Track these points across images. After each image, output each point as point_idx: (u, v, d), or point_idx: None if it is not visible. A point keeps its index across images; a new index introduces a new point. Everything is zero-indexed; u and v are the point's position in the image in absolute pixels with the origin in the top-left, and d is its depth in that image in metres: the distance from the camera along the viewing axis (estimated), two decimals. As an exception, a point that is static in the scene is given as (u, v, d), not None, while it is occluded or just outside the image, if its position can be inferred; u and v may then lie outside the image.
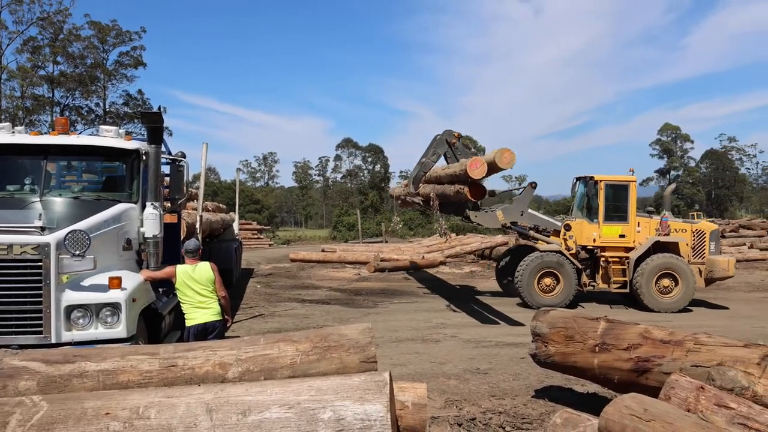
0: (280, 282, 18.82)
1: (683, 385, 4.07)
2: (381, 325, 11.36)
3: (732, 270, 14.33)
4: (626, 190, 14.15)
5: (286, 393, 3.54)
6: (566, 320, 6.05)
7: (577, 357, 5.81)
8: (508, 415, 5.97)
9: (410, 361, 8.51)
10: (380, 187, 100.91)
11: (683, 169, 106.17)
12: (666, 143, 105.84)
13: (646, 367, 5.19)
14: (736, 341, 4.99)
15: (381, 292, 16.68)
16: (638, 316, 13.00)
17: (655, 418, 3.48)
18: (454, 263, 24.27)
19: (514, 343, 9.67)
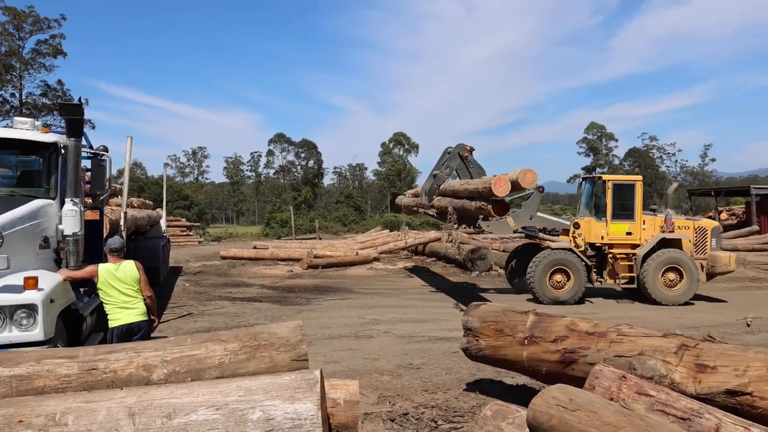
0: (210, 280, 18.47)
1: (606, 374, 4.21)
2: (314, 323, 11.31)
3: (733, 265, 15.04)
4: (632, 190, 14.70)
5: (214, 394, 3.48)
6: (496, 314, 6.17)
7: (507, 350, 5.94)
8: (440, 409, 6.05)
9: (343, 358, 8.51)
10: (314, 183, 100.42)
11: (608, 167, 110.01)
12: (592, 141, 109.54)
13: (572, 359, 5.35)
14: (656, 332, 5.20)
15: (314, 289, 16.60)
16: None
17: (580, 407, 3.59)
18: (387, 259, 24.41)
19: (446, 337, 9.79)
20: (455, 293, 15.57)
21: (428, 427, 5.59)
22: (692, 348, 4.66)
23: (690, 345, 4.71)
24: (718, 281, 16.29)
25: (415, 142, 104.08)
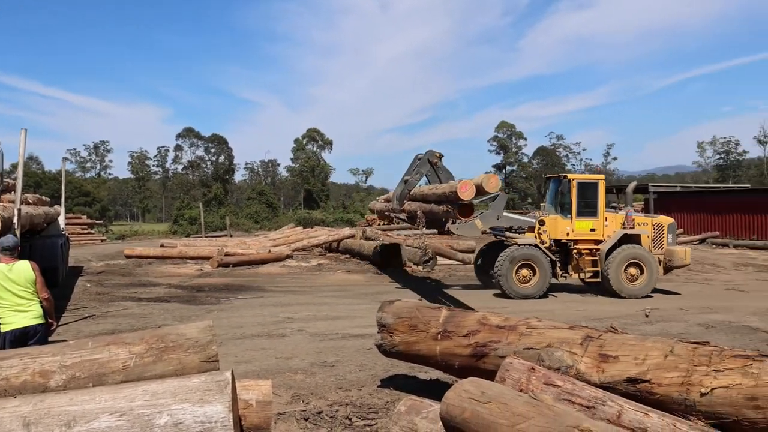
0: (113, 280, 17.77)
1: (516, 367, 4.35)
2: (225, 322, 11.09)
3: (688, 259, 15.94)
4: (596, 188, 15.37)
5: (118, 399, 3.35)
6: (410, 310, 6.24)
7: (421, 345, 6.02)
8: (354, 406, 6.07)
9: (256, 358, 8.39)
10: (224, 179, 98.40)
11: (518, 165, 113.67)
12: (502, 140, 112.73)
13: (483, 352, 5.48)
14: (563, 324, 5.41)
15: (225, 288, 16.27)
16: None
17: (492, 399, 3.68)
18: (301, 256, 24.24)
19: (361, 334, 9.83)
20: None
21: (342, 425, 5.59)
22: (596, 339, 4.87)
23: (594, 336, 4.92)
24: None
25: (330, 138, 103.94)
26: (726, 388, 3.98)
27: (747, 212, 32.25)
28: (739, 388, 3.93)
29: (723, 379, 4.03)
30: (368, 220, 48.83)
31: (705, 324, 11.28)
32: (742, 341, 9.80)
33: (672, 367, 4.31)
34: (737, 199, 33.97)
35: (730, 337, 10.18)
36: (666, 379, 4.28)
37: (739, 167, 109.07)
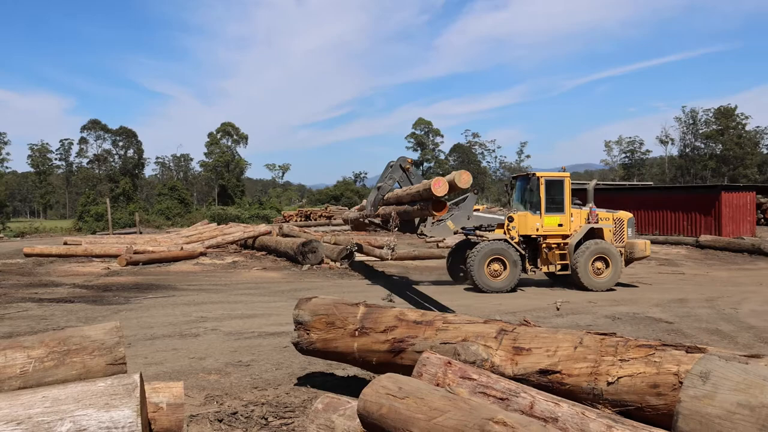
0: (11, 280, 16.86)
1: (433, 361, 4.40)
2: (134, 323, 10.72)
3: (648, 251, 16.99)
4: (562, 185, 16.15)
5: (15, 407, 3.17)
6: (327, 307, 6.22)
7: (339, 342, 6.01)
8: (270, 406, 5.99)
9: (167, 359, 8.15)
10: (133, 174, 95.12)
11: (435, 161, 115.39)
12: (420, 137, 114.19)
13: (401, 348, 5.53)
14: (478, 318, 5.54)
15: (134, 287, 15.73)
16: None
17: (409, 395, 3.71)
18: (215, 254, 23.74)
19: (277, 332, 9.72)
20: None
21: (258, 425, 5.51)
22: (510, 332, 5.01)
23: (508, 329, 5.05)
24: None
25: (245, 133, 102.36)
26: (631, 376, 4.18)
27: (650, 209, 34.10)
28: (643, 376, 4.13)
29: (628, 368, 4.22)
30: (285, 216, 48.43)
31: (612, 316, 11.80)
32: (646, 331, 10.31)
33: (581, 357, 4.48)
34: (641, 197, 35.82)
35: (635, 327, 10.69)
36: (576, 369, 4.44)
37: (643, 165, 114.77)
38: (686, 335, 10.08)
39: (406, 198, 13.44)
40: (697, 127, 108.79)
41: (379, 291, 15.18)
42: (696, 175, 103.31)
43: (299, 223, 39.80)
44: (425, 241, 29.72)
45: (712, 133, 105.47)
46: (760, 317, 11.85)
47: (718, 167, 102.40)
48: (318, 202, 79.30)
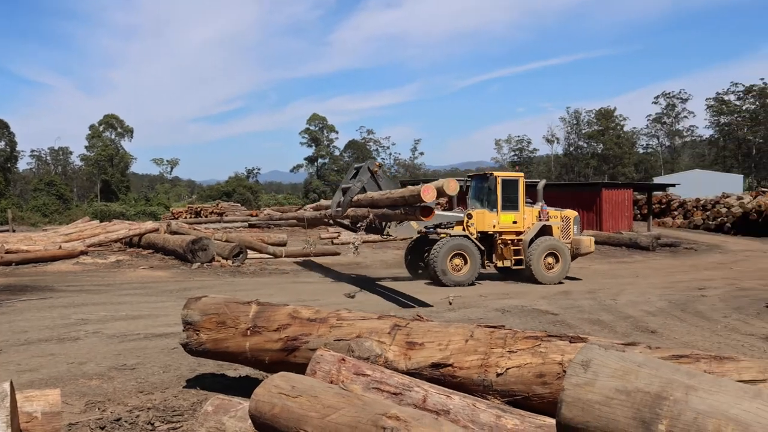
0: None
1: (327, 359, 4.40)
2: (5, 327, 10.05)
3: (593, 247, 18.24)
4: (517, 184, 17.11)
5: None
6: (218, 306, 6.07)
7: (230, 342, 5.89)
8: (157, 410, 5.78)
9: (43, 365, 7.68)
10: (5, 168, 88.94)
11: (329, 158, 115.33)
12: (314, 132, 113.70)
13: (294, 346, 5.49)
14: (372, 314, 5.58)
15: (6, 289, 14.72)
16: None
17: (302, 393, 3.69)
18: (98, 253, 22.61)
19: (164, 333, 9.40)
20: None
21: (144, 431, 5.31)
22: (404, 327, 5.08)
23: (402, 325, 5.13)
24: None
25: (130, 126, 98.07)
26: (519, 367, 4.35)
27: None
28: (530, 366, 4.31)
29: (516, 360, 4.39)
30: (174, 213, 46.88)
31: (501, 309, 12.24)
32: (533, 323, 10.77)
33: (472, 350, 4.61)
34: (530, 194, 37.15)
35: (523, 320, 11.14)
36: (467, 362, 4.57)
37: (531, 163, 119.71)
38: (570, 326, 10.61)
39: (384, 202, 13.79)
40: (580, 127, 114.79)
41: (270, 288, 15.01)
42: (579, 173, 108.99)
43: (189, 220, 38.61)
44: (319, 238, 29.69)
45: (594, 133, 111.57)
46: (636, 307, 12.66)
47: (599, 165, 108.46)
48: (209, 198, 77.33)
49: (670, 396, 2.36)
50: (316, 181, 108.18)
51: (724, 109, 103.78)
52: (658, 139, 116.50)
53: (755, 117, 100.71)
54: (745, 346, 9.44)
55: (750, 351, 9.05)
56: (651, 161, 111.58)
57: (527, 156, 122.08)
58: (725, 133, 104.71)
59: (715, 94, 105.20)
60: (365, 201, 14.91)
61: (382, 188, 15.35)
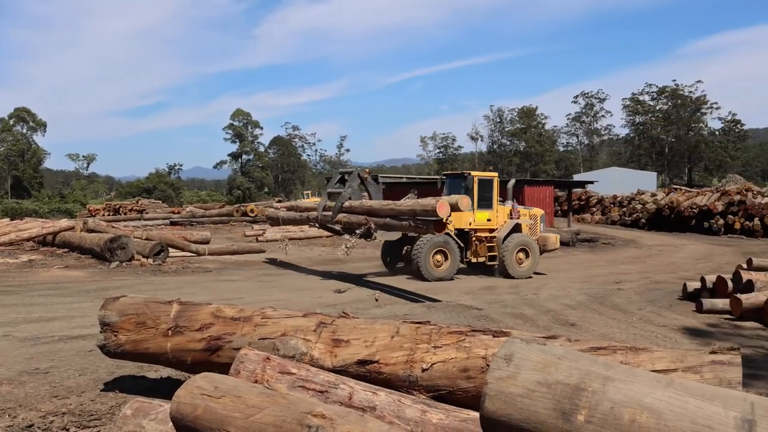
0: None
1: (251, 358, 4.33)
2: None
3: (558, 243, 19.36)
4: (492, 184, 17.79)
5: None
6: (137, 306, 5.89)
7: (150, 343, 5.72)
8: (73, 415, 5.57)
9: (-53, 372, 7.27)
10: None
11: (254, 154, 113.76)
12: (238, 128, 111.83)
13: (218, 345, 5.38)
14: (297, 312, 5.53)
15: None
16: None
17: (225, 394, 3.62)
18: (8, 252, 21.54)
19: (81, 335, 9.05)
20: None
21: (59, 438, 5.10)
22: (329, 325, 5.06)
23: (327, 322, 5.11)
24: (353, 263, 18.00)
25: (43, 120, 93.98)
26: (444, 362, 4.40)
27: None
28: (455, 361, 4.37)
29: (441, 355, 4.45)
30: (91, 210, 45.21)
31: (427, 305, 12.38)
32: (458, 318, 10.94)
33: (398, 346, 4.64)
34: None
35: (448, 315, 11.30)
36: (393, 358, 4.59)
37: (455, 160, 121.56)
38: (494, 320, 10.84)
39: (386, 212, 14.40)
40: (503, 125, 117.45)
41: (193, 287, 14.68)
42: (502, 170, 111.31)
43: (107, 218, 37.38)
44: (244, 235, 29.27)
45: (516, 131, 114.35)
46: (557, 301, 13.06)
47: (522, 163, 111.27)
48: (128, 195, 75.00)
49: (589, 387, 2.44)
50: (240, 177, 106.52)
51: (639, 109, 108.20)
52: (578, 138, 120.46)
53: (668, 117, 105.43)
54: (659, 336, 9.89)
55: (663, 341, 9.49)
56: (571, 159, 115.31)
57: (452, 153, 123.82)
58: (640, 132, 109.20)
59: (631, 95, 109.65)
60: (360, 209, 15.42)
61: (371, 195, 16.36)
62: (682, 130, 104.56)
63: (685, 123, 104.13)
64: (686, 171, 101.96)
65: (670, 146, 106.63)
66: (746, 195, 35.45)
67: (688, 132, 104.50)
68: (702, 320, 11.24)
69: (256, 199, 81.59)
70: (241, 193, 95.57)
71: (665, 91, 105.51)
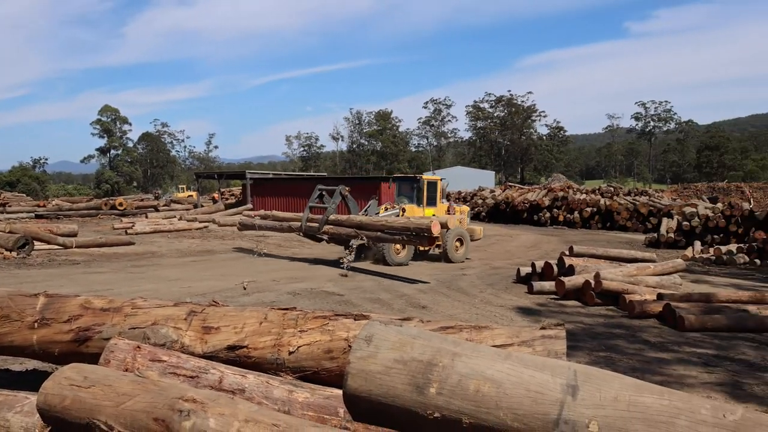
0: None
1: (121, 347, 4.11)
2: None
3: (482, 234, 21.59)
4: (436, 185, 20.17)
5: None
6: (2, 300, 5.38)
7: (15, 336, 5.25)
8: (-73, 414, 4.99)
9: None
10: None
11: (123, 149, 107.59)
12: (106, 124, 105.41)
13: (87, 336, 5.04)
14: (168, 301, 5.30)
15: None
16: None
17: (95, 383, 3.40)
18: None
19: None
20: None
21: None
22: (200, 313, 4.90)
23: (198, 311, 4.94)
24: (221, 254, 17.46)
25: None
26: (309, 345, 4.41)
27: (326, 196, 36.40)
28: (319, 344, 4.39)
29: (306, 338, 4.44)
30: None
31: (293, 292, 12.30)
32: (322, 304, 10.97)
33: (266, 332, 4.58)
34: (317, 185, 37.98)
35: (312, 301, 11.30)
36: (261, 343, 4.53)
37: (318, 158, 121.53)
38: (354, 305, 10.97)
39: (376, 227, 15.54)
40: (361, 126, 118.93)
41: (61, 279, 13.65)
42: (361, 168, 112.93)
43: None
44: (113, 228, 27.69)
45: (374, 132, 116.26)
46: (411, 286, 13.44)
47: (379, 161, 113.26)
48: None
49: (439, 363, 2.54)
50: (108, 171, 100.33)
51: (480, 115, 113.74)
52: (428, 140, 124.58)
53: (504, 123, 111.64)
54: (497, 315, 10.46)
55: (501, 320, 10.05)
56: (421, 158, 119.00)
57: (315, 152, 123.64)
58: (481, 136, 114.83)
59: (473, 102, 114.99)
60: (348, 223, 16.75)
61: (351, 209, 18.15)
62: (515, 135, 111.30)
63: (518, 128, 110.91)
64: (519, 170, 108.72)
65: (506, 148, 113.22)
66: (568, 192, 38.45)
67: (520, 136, 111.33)
68: (533, 300, 12.00)
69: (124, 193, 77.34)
70: (110, 187, 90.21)
71: (502, 100, 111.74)
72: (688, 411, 2.32)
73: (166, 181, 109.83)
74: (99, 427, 3.24)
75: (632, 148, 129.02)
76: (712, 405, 2.38)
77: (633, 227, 32.02)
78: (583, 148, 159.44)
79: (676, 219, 26.50)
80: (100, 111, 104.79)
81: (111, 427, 3.22)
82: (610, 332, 9.42)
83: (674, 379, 7.11)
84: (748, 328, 9.67)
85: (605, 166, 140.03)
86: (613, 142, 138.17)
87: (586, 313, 10.88)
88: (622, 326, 9.89)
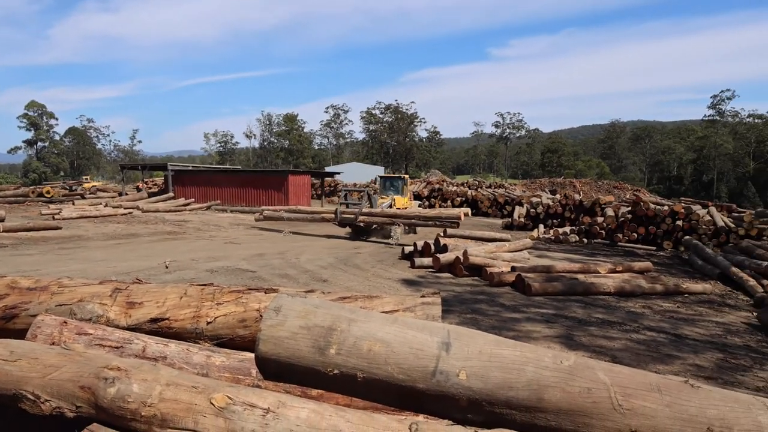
0: None
1: (48, 323, 3.77)
2: None
3: None
4: (406, 181, 24.16)
5: None
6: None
7: (-62, 316, 4.68)
8: None
9: None
10: None
11: (49, 141, 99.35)
12: (33, 118, 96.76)
13: (13, 314, 4.59)
14: (94, 280, 4.93)
15: None
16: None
17: (22, 357, 3.11)
18: None
19: None
20: None
21: None
22: (124, 290, 4.59)
23: (122, 288, 4.63)
24: (144, 237, 16.53)
25: None
26: (225, 315, 4.26)
27: (239, 186, 35.43)
28: (234, 314, 4.25)
29: (223, 310, 4.29)
30: None
31: (210, 270, 11.86)
32: (237, 280, 10.66)
33: (186, 305, 4.37)
34: (232, 177, 36.94)
35: (228, 278, 10.95)
36: (181, 315, 4.32)
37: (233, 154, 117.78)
38: (265, 280, 10.75)
39: (413, 216, 18.51)
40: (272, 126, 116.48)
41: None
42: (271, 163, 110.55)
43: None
44: (40, 214, 25.48)
45: (282, 132, 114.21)
46: (313, 263, 13.35)
47: (287, 157, 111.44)
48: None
49: (338, 328, 2.53)
50: (36, 162, 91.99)
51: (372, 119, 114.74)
52: (328, 139, 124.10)
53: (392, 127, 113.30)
54: (386, 286, 10.62)
55: (389, 290, 10.22)
56: (323, 155, 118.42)
57: (230, 147, 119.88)
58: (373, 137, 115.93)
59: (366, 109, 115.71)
60: (382, 214, 18.82)
61: (372, 204, 20.02)
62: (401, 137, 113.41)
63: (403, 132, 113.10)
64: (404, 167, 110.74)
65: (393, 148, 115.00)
66: (443, 184, 39.71)
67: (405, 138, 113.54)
68: (415, 273, 12.30)
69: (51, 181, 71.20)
70: (37, 177, 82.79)
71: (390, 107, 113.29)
72: (534, 359, 2.47)
73: (92, 170, 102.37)
74: (26, 398, 2.97)
75: (492, 149, 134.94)
76: (553, 354, 2.54)
77: (493, 213, 33.48)
78: (455, 149, 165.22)
79: (525, 207, 28.01)
80: (26, 106, 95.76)
81: (38, 396, 2.96)
82: (475, 298, 9.84)
83: (524, 334, 7.54)
84: (578, 292, 10.45)
85: (472, 164, 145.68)
86: (478, 144, 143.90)
87: (456, 283, 11.30)
88: (484, 293, 10.36)
